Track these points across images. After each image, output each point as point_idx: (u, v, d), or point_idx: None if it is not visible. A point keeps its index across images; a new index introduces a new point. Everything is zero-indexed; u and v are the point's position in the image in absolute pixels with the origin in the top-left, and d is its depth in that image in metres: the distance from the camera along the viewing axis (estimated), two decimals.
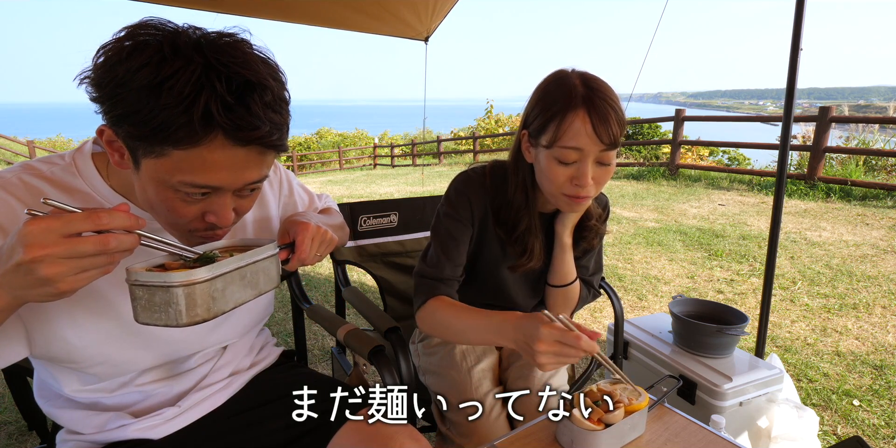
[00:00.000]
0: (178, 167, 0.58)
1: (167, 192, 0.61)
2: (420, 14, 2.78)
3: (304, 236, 0.75)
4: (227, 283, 0.59)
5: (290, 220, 0.80)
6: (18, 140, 14.88)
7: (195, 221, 0.65)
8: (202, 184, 0.60)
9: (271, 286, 0.68)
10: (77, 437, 0.79)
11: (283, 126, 0.61)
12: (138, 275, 0.54)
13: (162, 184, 0.60)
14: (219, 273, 0.57)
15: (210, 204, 0.64)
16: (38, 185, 0.66)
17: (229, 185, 0.62)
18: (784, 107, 1.73)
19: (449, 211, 1.04)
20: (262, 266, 0.66)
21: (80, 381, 0.76)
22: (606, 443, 0.77)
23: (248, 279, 0.63)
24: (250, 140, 0.58)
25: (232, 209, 0.66)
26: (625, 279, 3.37)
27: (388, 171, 12.92)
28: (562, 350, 0.73)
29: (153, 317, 0.55)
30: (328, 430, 0.83)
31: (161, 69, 0.52)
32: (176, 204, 0.62)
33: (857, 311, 2.80)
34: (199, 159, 0.57)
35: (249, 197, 0.68)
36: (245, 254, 0.63)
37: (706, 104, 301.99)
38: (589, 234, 1.10)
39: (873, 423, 1.83)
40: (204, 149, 0.57)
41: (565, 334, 0.73)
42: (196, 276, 0.55)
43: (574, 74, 0.91)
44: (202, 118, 0.54)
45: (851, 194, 5.52)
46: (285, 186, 0.98)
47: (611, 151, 0.89)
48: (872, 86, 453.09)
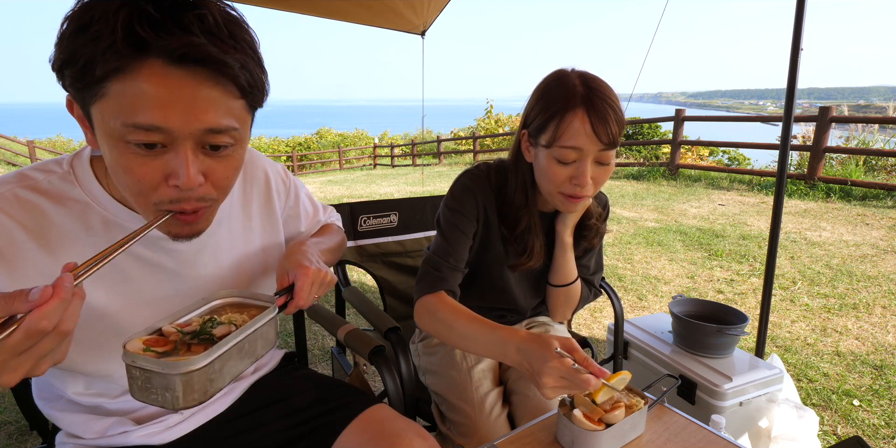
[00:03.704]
0: (121, 106, 0.53)
1: (119, 148, 0.55)
2: (416, 7, 2.78)
3: (304, 282, 0.71)
4: (225, 361, 0.56)
5: (291, 260, 0.76)
6: (18, 140, 14.88)
7: (161, 189, 0.58)
8: (146, 124, 0.53)
9: (269, 348, 0.64)
10: (77, 441, 0.78)
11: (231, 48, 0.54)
12: (136, 357, 0.52)
13: (112, 136, 0.55)
14: (217, 355, 0.54)
15: (168, 161, 0.56)
16: (34, 199, 0.64)
17: (180, 128, 0.54)
18: (784, 107, 1.74)
19: (454, 205, 1.03)
20: (261, 332, 0.62)
21: (85, 385, 0.75)
22: (606, 443, 0.77)
23: (245, 350, 0.59)
24: (185, 54, 0.51)
25: (200, 172, 0.58)
26: (625, 279, 3.37)
27: (388, 171, 12.92)
28: (568, 386, 0.72)
29: (149, 397, 0.53)
30: (332, 431, 0.83)
31: (88, 11, 0.51)
32: (131, 162, 0.56)
33: (857, 311, 2.80)
34: (137, 91, 0.52)
35: (221, 159, 0.60)
36: (243, 327, 0.59)
37: (706, 104, 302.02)
38: (589, 233, 1.10)
39: (873, 423, 1.83)
40: (140, 77, 0.52)
41: (573, 375, 0.71)
42: (196, 365, 0.52)
43: (574, 74, 0.91)
44: (126, 38, 0.50)
45: (851, 194, 5.52)
46: (292, 195, 0.95)
47: (610, 151, 0.90)
48: (872, 86, 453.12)
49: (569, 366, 0.71)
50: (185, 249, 0.75)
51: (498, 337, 0.83)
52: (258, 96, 0.61)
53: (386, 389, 0.96)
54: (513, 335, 0.81)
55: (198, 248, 0.77)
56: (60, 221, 0.65)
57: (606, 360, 1.56)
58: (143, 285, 0.72)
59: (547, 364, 0.72)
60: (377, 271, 1.55)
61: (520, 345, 0.78)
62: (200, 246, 0.77)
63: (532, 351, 0.75)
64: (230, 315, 0.63)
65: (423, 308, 0.98)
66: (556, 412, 0.83)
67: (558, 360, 0.72)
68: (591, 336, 2.58)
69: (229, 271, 0.81)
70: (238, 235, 0.83)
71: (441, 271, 1.00)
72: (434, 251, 1.03)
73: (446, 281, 0.99)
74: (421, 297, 0.99)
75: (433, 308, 0.96)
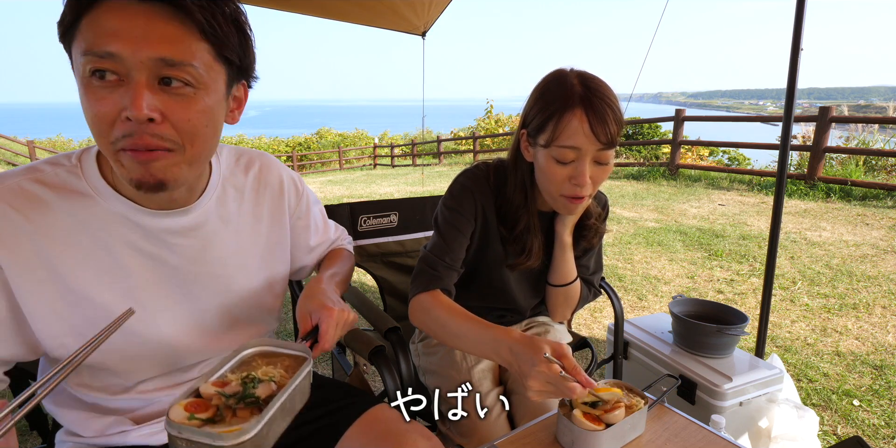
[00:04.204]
0: (85, 40, 0.56)
1: (84, 86, 0.58)
2: (416, 8, 2.79)
3: (328, 325, 0.72)
4: (271, 425, 0.54)
5: (313, 301, 0.76)
6: (18, 140, 14.88)
7: (116, 125, 0.58)
8: (100, 51, 0.56)
9: (305, 401, 0.63)
10: (76, 439, 0.78)
11: None
12: (182, 429, 0.50)
13: (82, 76, 0.58)
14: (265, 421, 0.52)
15: (123, 95, 0.57)
16: (38, 192, 0.66)
17: (130, 55, 0.56)
18: (784, 107, 1.74)
19: (452, 204, 1.03)
20: (300, 387, 0.60)
21: (88, 377, 0.75)
22: (606, 443, 0.77)
23: (286, 408, 0.58)
24: None
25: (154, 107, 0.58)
26: (625, 279, 3.37)
27: (388, 171, 12.92)
28: (554, 391, 0.72)
29: None
30: (335, 431, 0.83)
31: None
32: (91, 98, 0.58)
33: (857, 311, 2.80)
34: (98, 24, 0.56)
35: (181, 98, 0.60)
36: (286, 386, 0.57)
37: (706, 104, 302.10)
38: (589, 233, 1.10)
39: (873, 423, 1.83)
40: (101, 13, 0.56)
41: (559, 382, 0.71)
42: (246, 436, 0.50)
43: (572, 74, 0.91)
44: None
45: (851, 194, 5.52)
46: (304, 204, 0.94)
47: (608, 151, 0.89)
48: (872, 86, 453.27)
49: (556, 372, 0.71)
50: (188, 245, 0.75)
51: (491, 336, 0.83)
52: (225, 43, 0.62)
53: (386, 389, 0.96)
54: (506, 335, 0.81)
55: (202, 245, 0.77)
56: (63, 213, 0.67)
57: (606, 360, 1.56)
58: (145, 281, 0.73)
59: (535, 368, 0.72)
60: (377, 271, 1.55)
61: (512, 346, 0.78)
62: (205, 242, 0.77)
63: (522, 353, 0.75)
64: (265, 369, 0.62)
65: (418, 306, 0.98)
66: (556, 412, 0.83)
67: (546, 364, 0.72)
68: (591, 336, 2.58)
69: (232, 271, 0.81)
70: (245, 236, 0.83)
71: (437, 270, 1.00)
72: (430, 250, 1.03)
73: (441, 279, 0.99)
74: (416, 295, 0.99)
75: (428, 306, 0.96)
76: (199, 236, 0.76)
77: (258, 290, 0.86)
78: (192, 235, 0.76)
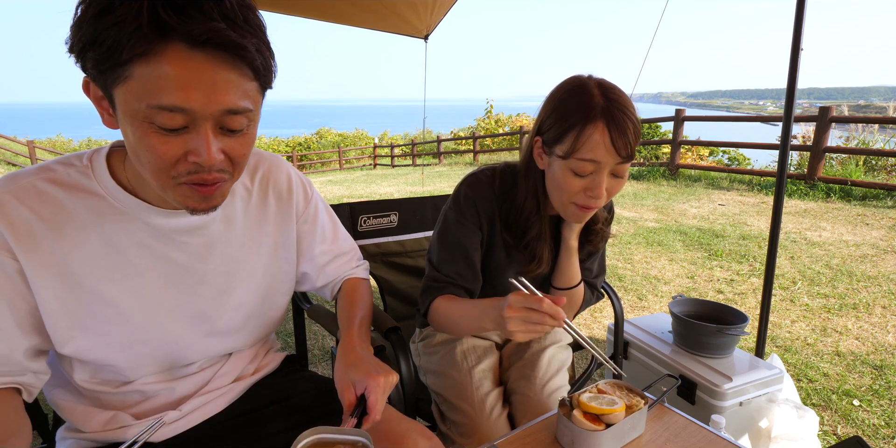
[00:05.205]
0: (144, 88, 0.55)
1: (143, 128, 0.58)
2: (419, 12, 2.79)
3: (377, 395, 0.71)
4: None
5: (357, 370, 0.75)
6: (18, 140, 14.88)
7: (180, 164, 0.61)
8: (170, 105, 0.56)
9: None
10: (77, 436, 0.79)
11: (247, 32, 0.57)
12: None
13: (136, 117, 0.57)
14: None
15: (189, 140, 0.59)
16: (52, 191, 0.67)
17: (201, 108, 0.57)
18: (784, 107, 1.74)
19: (457, 217, 1.04)
20: None
21: (91, 373, 0.76)
22: (606, 443, 0.77)
23: None
24: (207, 39, 0.54)
25: (220, 150, 0.62)
26: (625, 279, 3.37)
27: (388, 171, 12.92)
28: (529, 315, 0.75)
29: None
30: None
31: None
32: (153, 140, 0.58)
33: (857, 311, 2.80)
34: (161, 74, 0.55)
35: (238, 137, 0.63)
36: None
37: (706, 104, 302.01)
38: (595, 237, 1.10)
39: (873, 423, 1.83)
40: (164, 61, 0.54)
41: (528, 297, 0.75)
42: None
43: (592, 83, 0.89)
44: (150, 22, 0.52)
45: (851, 194, 5.52)
46: (311, 210, 0.93)
47: (626, 163, 0.89)
48: (872, 86, 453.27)
49: (525, 293, 0.76)
50: (196, 243, 0.76)
51: (481, 305, 0.89)
52: (269, 78, 0.64)
53: None
54: (494, 299, 0.86)
55: (210, 243, 0.78)
56: (75, 212, 0.68)
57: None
58: (153, 278, 0.74)
59: (508, 297, 0.77)
60: (377, 271, 1.55)
61: (496, 302, 0.83)
62: (212, 241, 0.78)
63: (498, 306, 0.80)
64: None
65: (433, 313, 1.02)
66: (556, 412, 0.83)
67: (518, 292, 0.77)
68: (591, 336, 2.58)
69: (238, 268, 0.82)
70: (251, 235, 0.84)
71: (439, 282, 1.03)
72: (436, 266, 1.05)
73: (445, 288, 1.02)
74: (428, 308, 1.02)
75: (439, 309, 1.00)
76: (206, 235, 0.77)
77: (264, 289, 0.86)
78: (200, 234, 0.77)
